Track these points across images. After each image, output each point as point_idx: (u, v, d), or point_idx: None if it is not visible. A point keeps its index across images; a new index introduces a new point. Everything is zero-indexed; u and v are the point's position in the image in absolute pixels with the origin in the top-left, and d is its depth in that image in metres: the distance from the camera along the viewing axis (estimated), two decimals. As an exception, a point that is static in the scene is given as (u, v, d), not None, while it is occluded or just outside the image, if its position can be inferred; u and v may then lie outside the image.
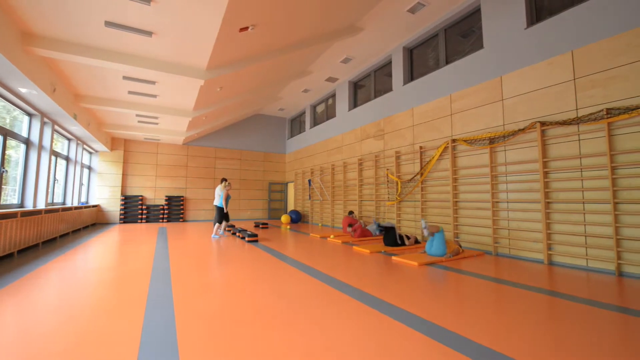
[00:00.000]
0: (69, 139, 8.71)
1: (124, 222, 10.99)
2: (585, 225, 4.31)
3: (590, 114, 4.25)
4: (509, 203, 5.23)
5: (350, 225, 7.66)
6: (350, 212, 8.44)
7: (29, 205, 6.05)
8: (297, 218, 11.79)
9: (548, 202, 4.69)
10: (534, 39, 5.02)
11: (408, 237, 6.12)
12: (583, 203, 4.33)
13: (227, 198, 7.65)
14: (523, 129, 4.97)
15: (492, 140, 5.48)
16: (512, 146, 5.21)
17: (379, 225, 6.92)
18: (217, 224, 7.44)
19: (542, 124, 4.76)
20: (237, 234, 7.45)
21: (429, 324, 2.36)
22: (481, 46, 5.88)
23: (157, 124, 9.74)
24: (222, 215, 7.47)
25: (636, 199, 3.84)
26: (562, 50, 4.65)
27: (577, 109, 4.44)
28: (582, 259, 4.31)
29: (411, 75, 7.65)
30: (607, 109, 4.09)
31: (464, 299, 2.98)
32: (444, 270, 4.17)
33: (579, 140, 4.41)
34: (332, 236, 7.25)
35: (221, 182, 8.06)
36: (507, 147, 5.29)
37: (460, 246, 5.32)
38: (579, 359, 1.84)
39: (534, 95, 4.95)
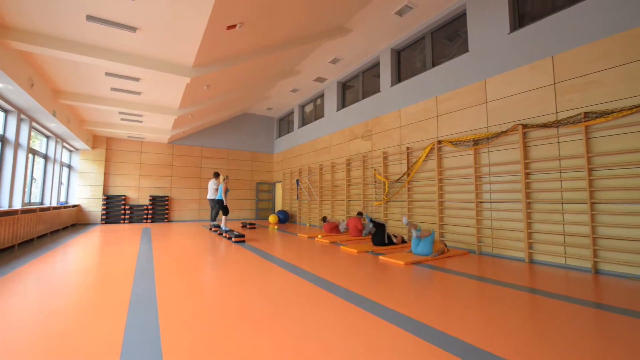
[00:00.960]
0: (47, 137, 8.40)
1: (106, 223, 10.68)
2: (564, 224, 4.46)
3: (569, 117, 4.41)
4: (492, 203, 5.36)
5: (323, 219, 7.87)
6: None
7: (4, 205, 5.80)
8: (285, 218, 11.73)
9: (529, 202, 4.83)
10: (516, 44, 5.17)
11: (395, 236, 6.18)
12: (562, 203, 4.48)
13: (226, 191, 7.74)
14: (506, 131, 5.11)
15: (476, 142, 5.61)
16: (496, 148, 5.35)
17: (370, 220, 6.92)
18: (224, 217, 7.73)
19: (524, 126, 4.90)
20: (224, 234, 7.36)
21: (416, 322, 2.40)
22: (466, 50, 6.00)
23: (141, 122, 9.53)
24: (224, 208, 7.69)
25: (612, 199, 4.01)
26: (543, 55, 4.80)
27: (557, 112, 4.59)
28: (561, 257, 4.46)
29: (399, 76, 7.74)
30: (585, 113, 4.25)
31: (449, 297, 3.04)
32: (430, 269, 4.24)
33: (559, 142, 4.57)
34: (319, 236, 7.25)
35: (215, 176, 8.09)
36: (490, 149, 5.42)
37: (446, 245, 5.42)
38: (559, 353, 1.91)
39: (517, 98, 5.09)
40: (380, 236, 5.97)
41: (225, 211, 7.86)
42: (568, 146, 4.47)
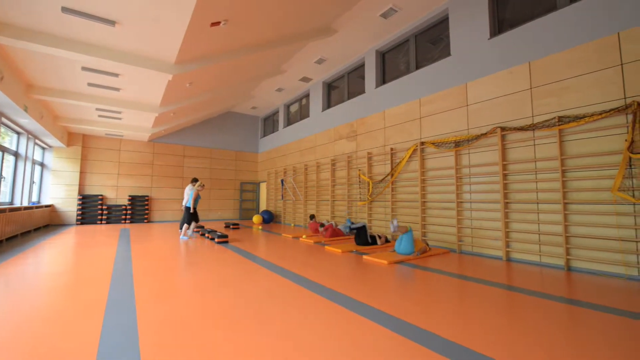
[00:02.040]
0: (18, 133, 7.99)
1: (82, 224, 10.27)
2: (539, 224, 4.64)
3: (545, 120, 4.58)
4: (472, 203, 5.51)
5: (321, 225, 7.72)
6: (312, 217, 8.64)
7: (-31, 205, 5.48)
8: (270, 218, 11.65)
9: (507, 203, 5.00)
10: (496, 49, 5.33)
11: (379, 237, 6.24)
12: (537, 203, 4.65)
13: (197, 198, 7.39)
14: (485, 134, 5.27)
15: (457, 144, 5.74)
16: (476, 149, 5.49)
17: (351, 224, 6.99)
18: (185, 225, 7.21)
19: (503, 129, 5.06)
20: (207, 234, 7.21)
21: (398, 320, 2.43)
22: (449, 53, 6.14)
23: (120, 119, 9.20)
24: (190, 216, 7.26)
25: (583, 199, 4.19)
26: (521, 61, 4.97)
27: (533, 116, 4.76)
28: (536, 255, 4.64)
29: (383, 78, 7.84)
30: (559, 117, 4.43)
31: (430, 295, 3.11)
32: (412, 268, 4.31)
33: (535, 145, 4.73)
34: (304, 236, 7.24)
35: (191, 182, 7.76)
36: (471, 151, 5.57)
37: (428, 244, 5.53)
38: (533, 347, 1.99)
39: (496, 102, 5.25)
40: (363, 236, 6.03)
41: (195, 218, 7.44)
42: (543, 149, 4.65)
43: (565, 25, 4.49)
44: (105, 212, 10.61)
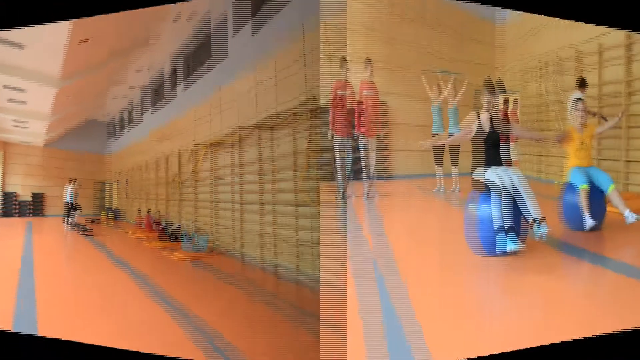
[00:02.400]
0: None
1: (4, 216, 10.01)
2: (297, 229, 4.60)
3: (285, 118, 4.67)
4: (240, 204, 5.52)
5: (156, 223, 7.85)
6: (140, 210, 8.86)
7: None
8: (118, 215, 11.34)
9: (271, 204, 5.03)
10: (257, 46, 5.44)
11: (181, 235, 6.19)
12: (296, 206, 4.65)
13: (76, 195, 7.57)
14: (246, 134, 5.31)
15: (232, 144, 5.74)
16: (246, 148, 5.50)
17: (167, 224, 7.09)
18: (64, 217, 7.69)
19: (258, 127, 5.12)
20: (80, 228, 7.31)
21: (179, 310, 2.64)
22: (226, 54, 6.20)
23: (27, 127, 9.10)
24: (71, 209, 7.84)
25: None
26: (270, 55, 5.05)
27: (276, 111, 4.79)
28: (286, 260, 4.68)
29: (188, 81, 7.79)
30: (294, 114, 4.53)
31: (205, 291, 3.40)
32: (200, 266, 4.57)
33: (272, 143, 4.72)
34: (137, 232, 7.15)
35: (69, 181, 8.06)
36: (241, 150, 5.56)
37: (213, 245, 5.53)
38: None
39: (258, 100, 5.30)
40: (167, 234, 6.16)
41: (78, 209, 7.66)
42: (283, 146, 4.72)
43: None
44: (18, 206, 10.19)
